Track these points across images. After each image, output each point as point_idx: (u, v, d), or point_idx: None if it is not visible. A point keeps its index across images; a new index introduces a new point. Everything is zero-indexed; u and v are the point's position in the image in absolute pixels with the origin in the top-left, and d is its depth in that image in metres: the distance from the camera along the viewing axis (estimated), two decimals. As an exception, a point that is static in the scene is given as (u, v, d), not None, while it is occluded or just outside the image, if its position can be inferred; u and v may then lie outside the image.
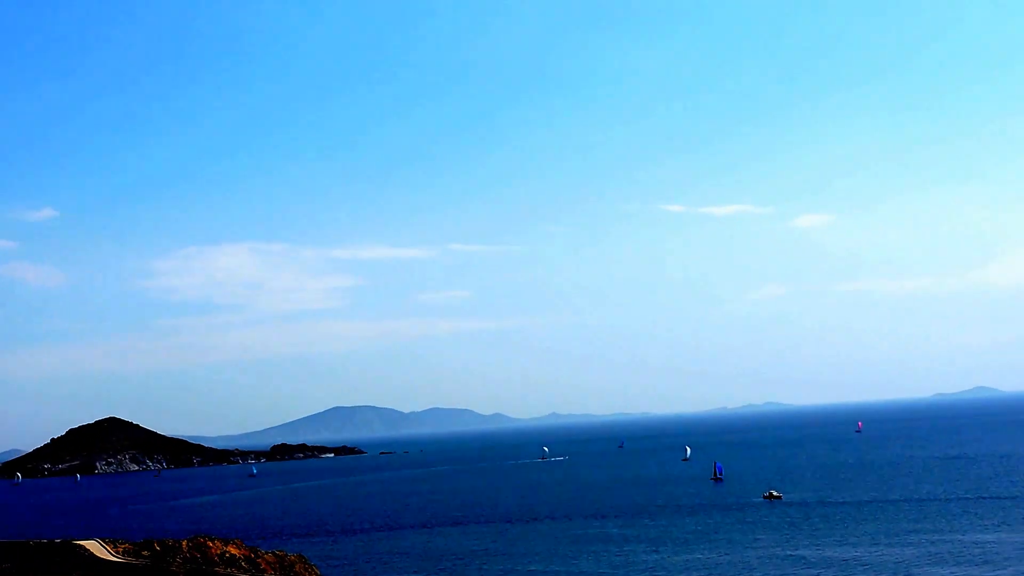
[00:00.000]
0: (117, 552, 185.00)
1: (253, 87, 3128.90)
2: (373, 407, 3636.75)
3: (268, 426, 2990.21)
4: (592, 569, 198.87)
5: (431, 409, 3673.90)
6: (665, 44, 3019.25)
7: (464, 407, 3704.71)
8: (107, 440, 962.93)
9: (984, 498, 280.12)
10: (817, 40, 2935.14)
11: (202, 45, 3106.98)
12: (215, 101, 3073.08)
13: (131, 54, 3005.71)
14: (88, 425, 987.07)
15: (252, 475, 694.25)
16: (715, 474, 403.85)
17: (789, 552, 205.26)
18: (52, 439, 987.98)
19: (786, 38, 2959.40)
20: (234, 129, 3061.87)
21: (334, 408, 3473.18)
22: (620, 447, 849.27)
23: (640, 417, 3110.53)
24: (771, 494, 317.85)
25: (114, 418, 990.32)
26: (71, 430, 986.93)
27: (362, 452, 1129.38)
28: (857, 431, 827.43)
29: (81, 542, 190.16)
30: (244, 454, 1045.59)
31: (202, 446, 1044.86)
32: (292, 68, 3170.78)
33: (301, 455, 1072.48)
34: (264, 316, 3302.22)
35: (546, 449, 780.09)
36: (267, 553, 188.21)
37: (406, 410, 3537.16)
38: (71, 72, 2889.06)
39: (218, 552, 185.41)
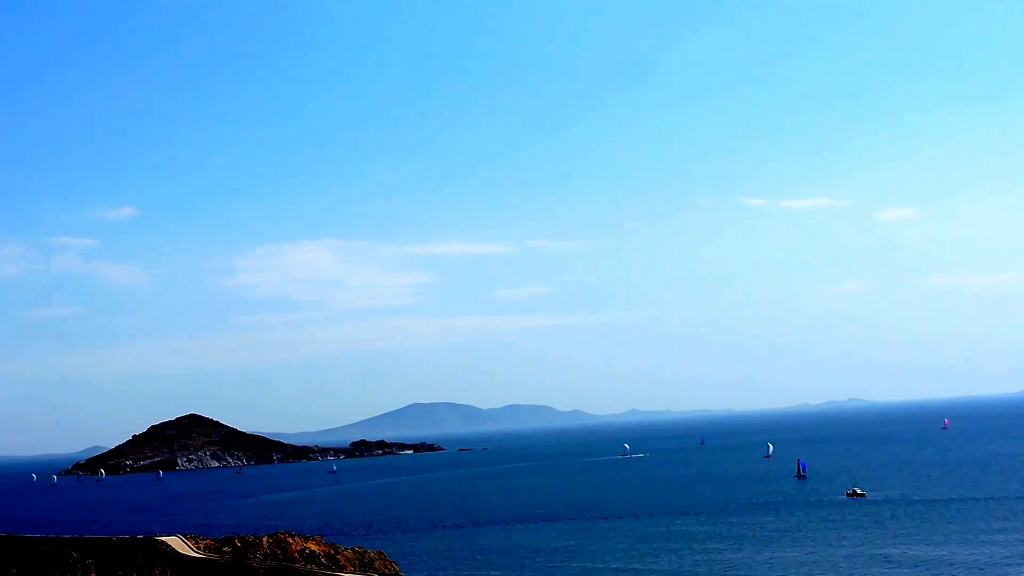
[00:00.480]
0: (199, 548, 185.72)
1: (332, 87, 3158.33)
2: (451, 404, 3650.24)
3: (347, 423, 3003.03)
4: (673, 568, 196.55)
5: (510, 406, 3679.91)
6: (742, 35, 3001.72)
7: (543, 404, 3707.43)
8: (188, 437, 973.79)
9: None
10: (899, 30, 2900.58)
11: (283, 44, 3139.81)
12: (294, 100, 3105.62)
13: (210, 52, 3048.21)
14: (169, 422, 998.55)
15: (332, 472, 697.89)
16: (798, 471, 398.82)
17: (874, 551, 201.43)
18: (134, 436, 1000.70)
19: (866, 27, 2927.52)
20: (313, 128, 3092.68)
21: (413, 405, 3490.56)
22: (701, 444, 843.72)
23: (721, 414, 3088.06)
24: (855, 492, 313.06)
25: (195, 415, 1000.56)
26: (152, 427, 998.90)
27: (441, 449, 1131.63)
28: (943, 428, 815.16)
29: (163, 538, 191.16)
30: (323, 451, 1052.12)
31: (282, 443, 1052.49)
32: (373, 68, 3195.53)
33: (380, 452, 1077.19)
34: (342, 313, 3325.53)
35: (627, 446, 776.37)
36: (347, 549, 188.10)
37: (484, 407, 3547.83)
38: (150, 71, 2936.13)
39: (298, 548, 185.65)
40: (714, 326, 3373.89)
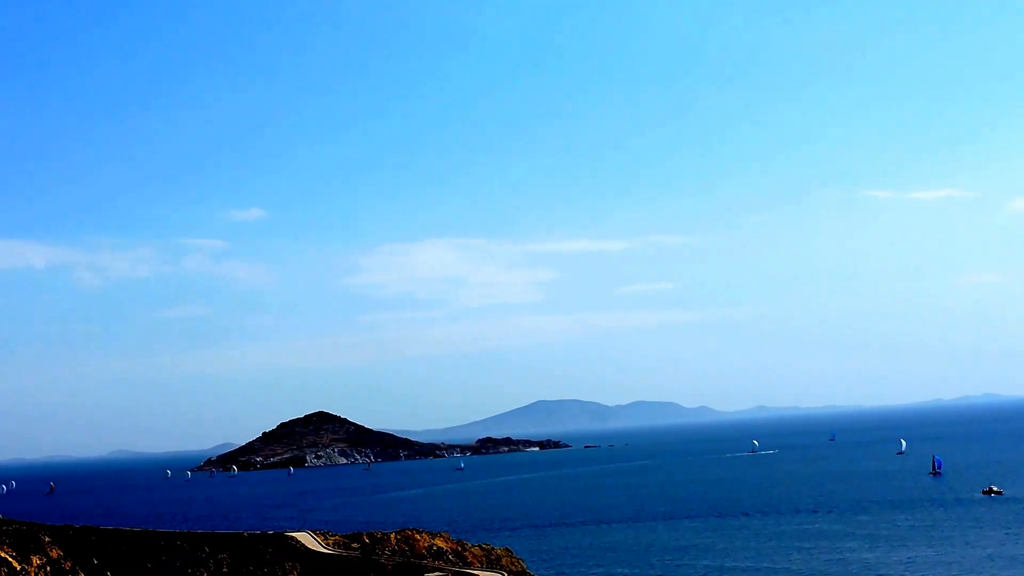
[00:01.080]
0: (328, 544, 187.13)
1: (449, 84, 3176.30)
2: (577, 401, 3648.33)
3: (472, 420, 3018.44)
4: (805, 567, 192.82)
5: (635, 403, 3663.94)
6: (867, 21, 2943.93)
7: (669, 400, 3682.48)
8: (316, 434, 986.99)
9: None
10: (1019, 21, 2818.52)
11: (408, 46, 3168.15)
12: (417, 102, 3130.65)
13: (336, 55, 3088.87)
14: (298, 419, 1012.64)
15: (460, 468, 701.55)
16: (933, 468, 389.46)
17: (1015, 552, 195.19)
18: (263, 433, 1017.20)
19: (997, 14, 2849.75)
20: (433, 126, 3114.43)
21: (538, 402, 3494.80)
22: (831, 440, 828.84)
23: (850, 409, 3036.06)
24: (991, 490, 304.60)
25: (323, 412, 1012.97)
26: (282, 424, 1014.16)
27: (567, 446, 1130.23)
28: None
29: (293, 534, 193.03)
30: (450, 448, 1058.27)
31: (409, 440, 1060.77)
32: (504, 69, 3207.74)
33: (506, 449, 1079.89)
34: (465, 311, 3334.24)
35: (756, 443, 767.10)
36: (474, 546, 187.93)
37: (610, 404, 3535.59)
38: (278, 75, 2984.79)
39: (426, 545, 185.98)
40: (842, 320, 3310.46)
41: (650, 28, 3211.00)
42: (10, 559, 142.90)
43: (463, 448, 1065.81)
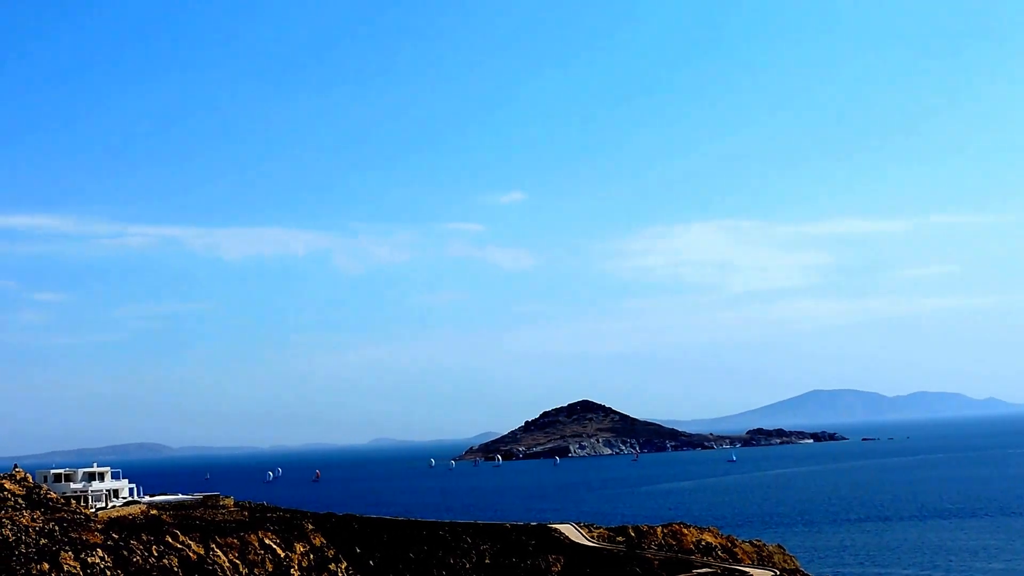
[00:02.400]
0: (592, 536, 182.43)
1: (713, 63, 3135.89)
2: (854, 391, 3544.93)
3: (742, 410, 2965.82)
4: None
5: (917, 393, 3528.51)
6: None
7: (953, 391, 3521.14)
8: (580, 423, 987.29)
9: None
10: None
11: (662, 25, 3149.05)
12: (686, 78, 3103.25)
13: (596, 32, 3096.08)
14: (561, 408, 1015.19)
15: (731, 461, 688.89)
16: None
17: None
18: (526, 422, 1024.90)
19: None
20: (695, 104, 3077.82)
21: (812, 392, 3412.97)
22: None
23: None
24: None
25: (587, 401, 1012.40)
26: (544, 413, 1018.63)
27: (843, 438, 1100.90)
28: None
29: (556, 525, 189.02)
30: (719, 439, 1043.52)
31: (676, 430, 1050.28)
32: (766, 38, 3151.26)
33: (778, 440, 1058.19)
34: (736, 296, 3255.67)
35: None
36: (744, 542, 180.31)
37: (889, 394, 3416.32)
38: (532, 52, 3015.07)
39: (694, 540, 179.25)
40: None
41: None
42: (275, 546, 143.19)
43: (732, 439, 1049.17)
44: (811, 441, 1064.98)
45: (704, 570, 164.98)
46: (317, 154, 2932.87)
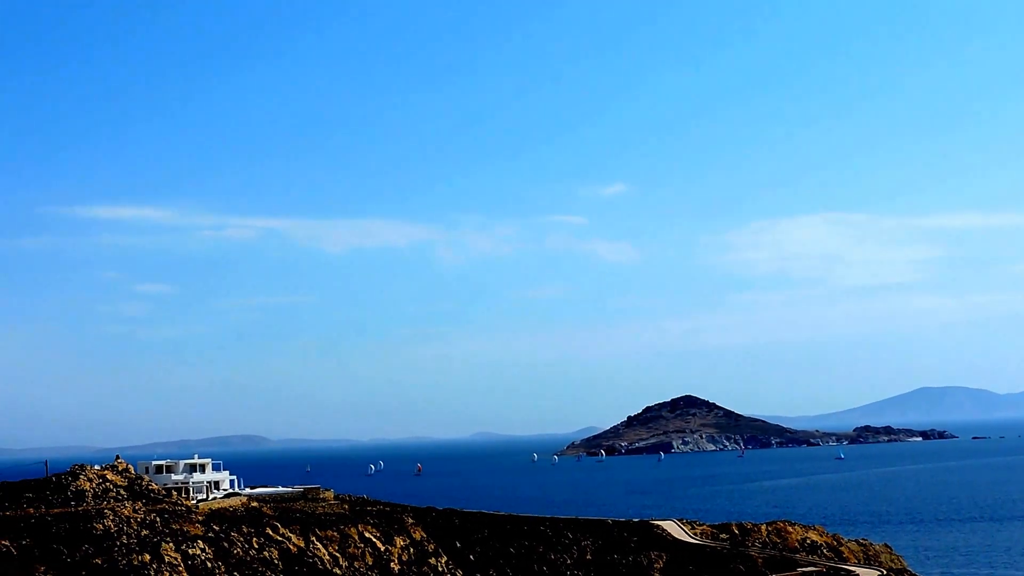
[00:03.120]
0: (695, 534, 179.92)
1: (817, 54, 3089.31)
2: (964, 388, 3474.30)
3: (848, 407, 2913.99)
4: None
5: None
6: None
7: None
8: (683, 419, 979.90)
9: None
10: None
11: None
12: (795, 73, 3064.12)
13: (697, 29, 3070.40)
14: (664, 403, 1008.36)
15: (839, 458, 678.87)
16: None
17: None
18: (628, 417, 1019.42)
19: None
20: (806, 95, 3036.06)
21: (920, 389, 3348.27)
22: None
23: None
24: None
25: (690, 396, 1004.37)
26: (647, 408, 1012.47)
27: (952, 436, 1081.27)
28: None
29: (659, 522, 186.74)
30: (825, 436, 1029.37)
31: (781, 427, 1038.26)
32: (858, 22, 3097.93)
33: (885, 438, 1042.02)
34: (843, 290, 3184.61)
35: None
36: (850, 541, 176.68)
37: (1001, 392, 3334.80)
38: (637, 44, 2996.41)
39: (799, 538, 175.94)
40: None
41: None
42: (375, 540, 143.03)
43: (839, 437, 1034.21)
44: (919, 439, 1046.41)
45: (809, 569, 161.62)
46: (420, 146, 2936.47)
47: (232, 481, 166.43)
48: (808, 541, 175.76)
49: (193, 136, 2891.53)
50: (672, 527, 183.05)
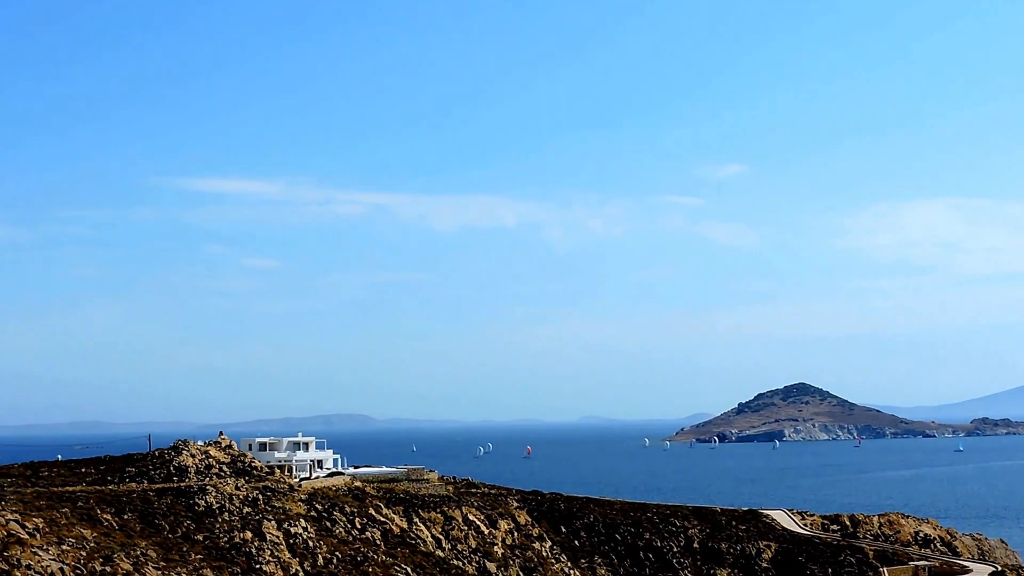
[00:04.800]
0: (805, 524, 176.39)
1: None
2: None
3: (966, 398, 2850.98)
4: None
5: None
6: None
7: None
8: (795, 406, 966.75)
9: None
10: None
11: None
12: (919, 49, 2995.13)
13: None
14: (776, 390, 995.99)
15: (958, 451, 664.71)
16: None
17: None
18: (739, 403, 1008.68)
19: None
20: (932, 74, 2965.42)
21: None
22: None
23: None
24: None
25: (803, 383, 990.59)
26: (759, 395, 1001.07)
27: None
28: None
29: (768, 511, 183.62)
30: (941, 427, 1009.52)
31: (896, 417, 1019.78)
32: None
33: (1003, 431, 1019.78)
34: (964, 278, 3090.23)
35: None
36: (965, 535, 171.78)
37: None
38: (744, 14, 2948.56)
39: (912, 531, 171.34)
40: None
41: None
42: (479, 522, 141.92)
43: (956, 428, 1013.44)
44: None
45: (921, 563, 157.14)
46: (530, 121, 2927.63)
47: (335, 460, 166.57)
48: (921, 534, 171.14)
49: (301, 109, 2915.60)
50: (782, 517, 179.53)
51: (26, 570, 64.40)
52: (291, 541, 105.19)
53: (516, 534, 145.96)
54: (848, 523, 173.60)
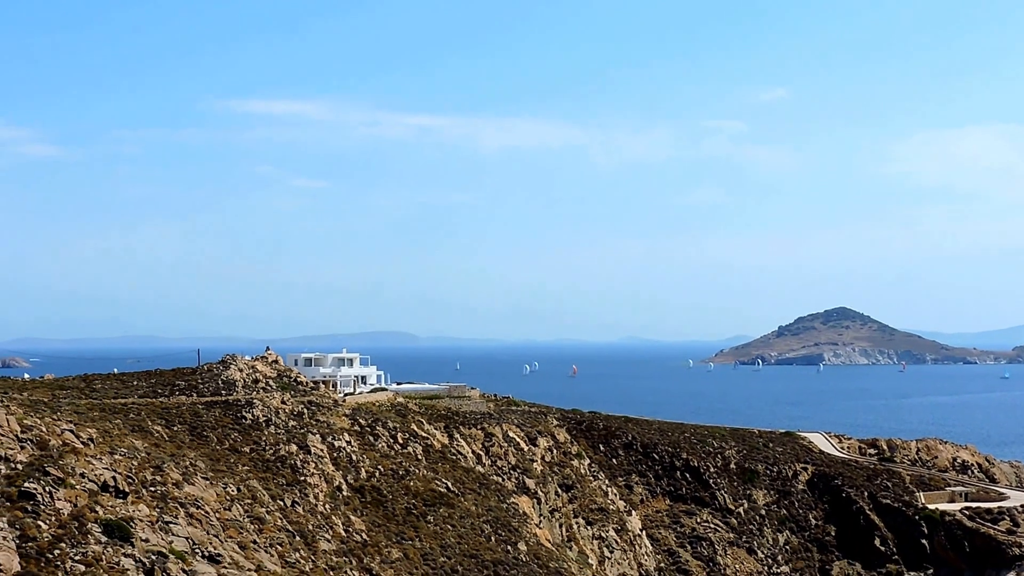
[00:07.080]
0: (842, 447, 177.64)
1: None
2: None
3: (1010, 325, 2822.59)
4: None
5: None
6: None
7: None
8: (836, 331, 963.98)
9: None
10: None
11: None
12: None
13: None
14: (816, 314, 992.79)
15: (1004, 378, 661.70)
16: None
17: None
18: (779, 326, 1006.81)
19: None
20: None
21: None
22: None
23: None
24: None
25: (844, 308, 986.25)
26: (799, 319, 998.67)
27: None
28: None
29: (806, 434, 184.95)
30: (983, 354, 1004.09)
31: (937, 343, 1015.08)
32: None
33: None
34: (1012, 205, 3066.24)
35: None
36: (1003, 462, 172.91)
37: None
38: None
39: (949, 457, 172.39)
40: None
41: None
42: (519, 439, 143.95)
43: (997, 355, 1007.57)
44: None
45: (958, 488, 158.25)
46: (575, 45, 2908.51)
47: (379, 376, 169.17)
48: (959, 460, 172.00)
49: (348, 32, 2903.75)
50: (819, 439, 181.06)
51: (80, 478, 66.82)
52: (335, 455, 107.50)
53: (555, 451, 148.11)
54: (885, 447, 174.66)
